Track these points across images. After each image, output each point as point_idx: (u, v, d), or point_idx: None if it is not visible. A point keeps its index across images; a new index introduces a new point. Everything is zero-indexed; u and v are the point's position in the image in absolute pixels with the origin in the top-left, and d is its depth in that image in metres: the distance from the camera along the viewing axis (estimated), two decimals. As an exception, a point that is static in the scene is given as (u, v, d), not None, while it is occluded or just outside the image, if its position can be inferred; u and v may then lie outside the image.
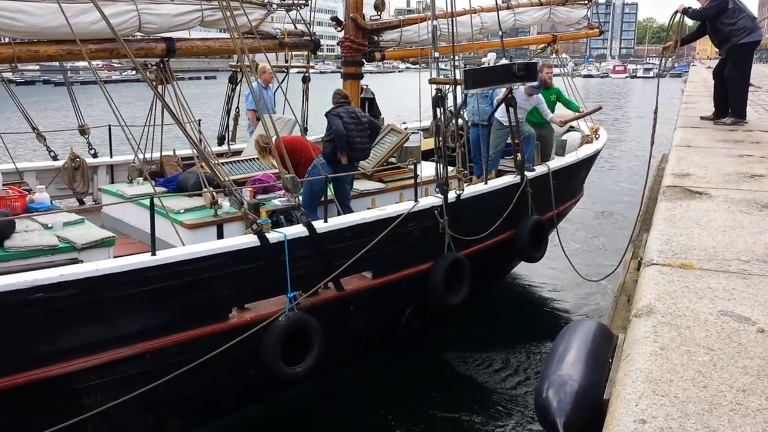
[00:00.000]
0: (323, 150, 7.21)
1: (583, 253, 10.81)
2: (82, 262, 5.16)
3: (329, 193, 6.47)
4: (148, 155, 7.87)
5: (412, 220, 6.34)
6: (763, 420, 2.01)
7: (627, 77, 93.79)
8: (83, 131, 8.64)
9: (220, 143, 9.79)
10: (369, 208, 7.30)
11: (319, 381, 6.10)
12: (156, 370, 4.74)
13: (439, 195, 6.69)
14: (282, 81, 9.40)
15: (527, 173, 7.90)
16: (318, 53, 9.45)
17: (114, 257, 5.41)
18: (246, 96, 9.62)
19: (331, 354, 5.66)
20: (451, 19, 7.28)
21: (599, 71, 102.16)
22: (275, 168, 6.53)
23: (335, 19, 9.16)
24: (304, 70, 10.27)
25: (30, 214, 6.13)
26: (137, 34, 6.88)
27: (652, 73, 78.83)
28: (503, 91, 7.99)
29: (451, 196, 6.78)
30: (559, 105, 9.92)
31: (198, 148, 5.63)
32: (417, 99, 7.76)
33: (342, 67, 9.34)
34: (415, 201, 6.51)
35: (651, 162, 7.49)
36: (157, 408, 5.03)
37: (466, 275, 6.79)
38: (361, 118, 7.26)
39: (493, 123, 8.60)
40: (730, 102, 8.67)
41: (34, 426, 4.42)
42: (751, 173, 5.58)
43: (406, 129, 9.07)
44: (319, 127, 7.49)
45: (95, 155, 8.69)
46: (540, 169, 8.39)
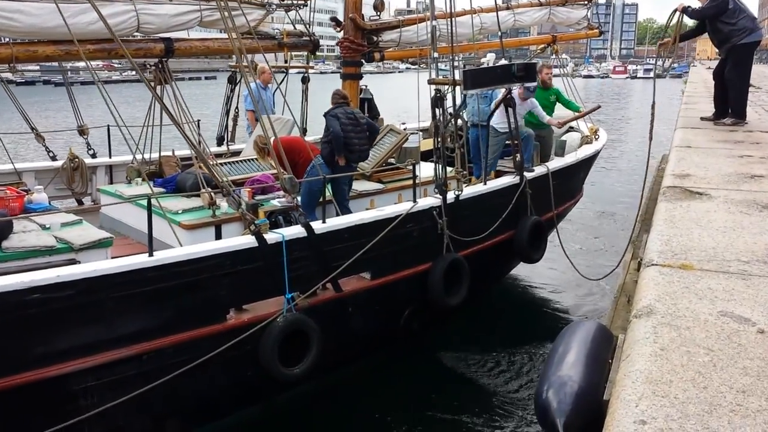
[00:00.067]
0: (321, 151, 7.19)
1: (583, 254, 10.79)
2: (79, 262, 5.14)
3: (328, 194, 6.46)
4: (147, 156, 7.86)
5: (410, 220, 6.33)
6: (763, 421, 2.01)
7: (627, 78, 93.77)
8: (82, 131, 8.63)
9: (219, 144, 9.78)
10: (368, 208, 7.29)
11: (318, 382, 6.08)
12: (154, 371, 4.73)
13: (438, 196, 6.68)
14: (281, 81, 9.40)
15: (526, 174, 7.89)
16: (318, 53, 9.45)
17: (112, 258, 5.39)
18: (245, 97, 9.61)
19: (330, 355, 5.64)
20: (450, 20, 7.26)
21: (599, 72, 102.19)
22: (274, 168, 6.52)
23: (334, 20, 9.15)
24: (303, 70, 10.27)
25: (28, 214, 6.12)
26: (136, 34, 6.87)
27: (652, 74, 78.80)
28: (502, 92, 7.98)
29: (450, 196, 6.77)
30: (559, 105, 9.90)
31: (196, 148, 5.62)
32: (416, 99, 7.74)
33: (341, 68, 9.34)
34: (414, 202, 6.49)
35: (651, 162, 7.47)
36: (155, 409, 5.02)
37: (464, 276, 6.78)
38: (360, 119, 7.22)
39: (490, 131, 8.57)
40: (730, 102, 8.66)
41: (31, 427, 4.42)
42: (752, 174, 5.57)
43: (405, 129, 9.05)
44: (319, 128, 7.47)
45: (94, 155, 8.69)
46: (539, 170, 8.38)
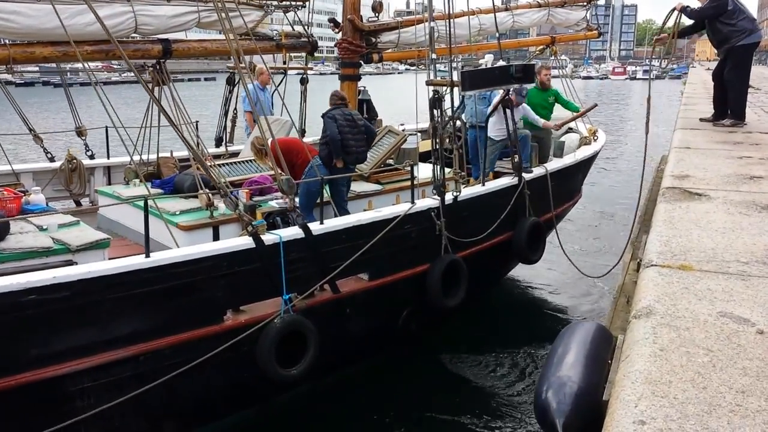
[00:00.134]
0: (320, 152, 7.18)
1: (583, 254, 10.77)
2: (76, 264, 5.12)
3: (326, 195, 6.44)
4: (145, 157, 7.85)
5: (408, 221, 6.31)
6: (763, 421, 2.01)
7: (626, 79, 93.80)
8: (80, 133, 8.61)
9: (217, 145, 9.77)
10: (365, 209, 7.27)
11: (316, 383, 6.06)
12: (150, 372, 4.71)
13: (436, 197, 6.66)
14: (280, 83, 9.39)
15: (525, 175, 7.88)
16: (317, 55, 9.44)
17: (109, 259, 5.37)
18: (243, 98, 9.60)
19: (327, 356, 5.62)
20: (449, 21, 7.25)
21: (598, 73, 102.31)
22: (272, 170, 6.50)
23: (333, 21, 9.14)
24: (302, 71, 10.26)
25: (25, 215, 6.10)
26: (134, 35, 6.86)
27: (652, 75, 78.86)
28: (500, 94, 7.96)
29: (449, 197, 6.75)
30: (558, 106, 9.89)
31: (193, 149, 5.59)
32: (415, 101, 7.73)
33: (340, 69, 9.33)
34: (412, 203, 6.48)
35: (651, 163, 7.47)
36: (152, 410, 5.00)
37: (463, 277, 6.76)
38: (357, 121, 7.20)
39: (487, 140, 8.53)
40: (729, 103, 8.65)
41: (27, 428, 4.40)
42: (751, 175, 5.56)
43: (403, 130, 9.04)
44: (317, 129, 7.46)
45: (92, 157, 8.67)
46: (538, 171, 8.37)
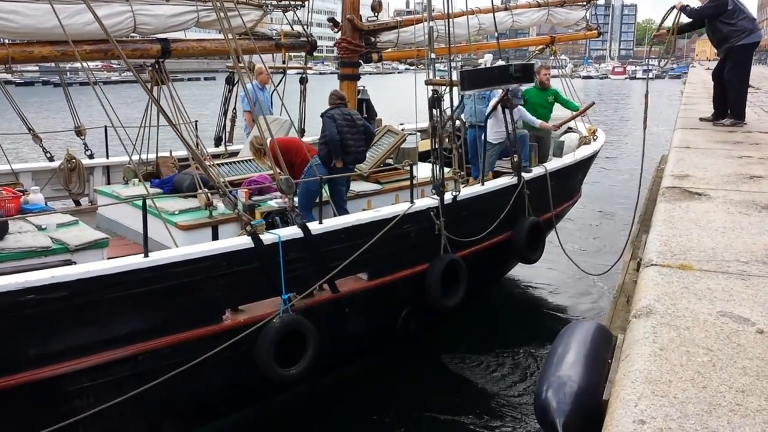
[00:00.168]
0: (319, 152, 7.16)
1: (583, 254, 10.76)
2: (75, 263, 5.11)
3: (325, 195, 6.43)
4: (144, 156, 7.84)
5: (407, 221, 6.30)
6: (763, 420, 2.00)
7: (626, 78, 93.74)
8: (79, 132, 8.59)
9: (217, 144, 9.76)
10: (365, 209, 7.26)
11: (315, 383, 6.06)
12: (149, 372, 4.70)
13: (436, 196, 6.65)
14: (279, 83, 9.36)
15: (524, 174, 7.87)
16: (317, 54, 9.44)
17: (108, 258, 5.37)
18: (242, 97, 9.59)
19: (327, 356, 5.62)
20: (448, 21, 7.24)
21: (598, 72, 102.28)
22: (271, 169, 6.49)
23: (332, 20, 9.13)
24: (301, 70, 10.25)
25: (24, 215, 6.09)
26: (133, 35, 6.86)
27: (651, 74, 78.95)
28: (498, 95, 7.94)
29: (448, 197, 6.74)
30: (558, 106, 9.87)
31: (191, 149, 5.58)
32: (414, 100, 7.71)
33: (339, 68, 9.32)
34: (411, 202, 6.47)
35: (651, 163, 7.46)
36: (150, 410, 4.99)
37: (462, 277, 6.75)
38: (357, 120, 7.19)
39: (486, 144, 8.50)
40: (729, 103, 8.64)
41: (26, 428, 4.38)
42: (751, 174, 5.56)
43: (403, 130, 9.03)
44: (317, 129, 7.45)
45: (92, 156, 8.66)
46: (537, 171, 8.36)
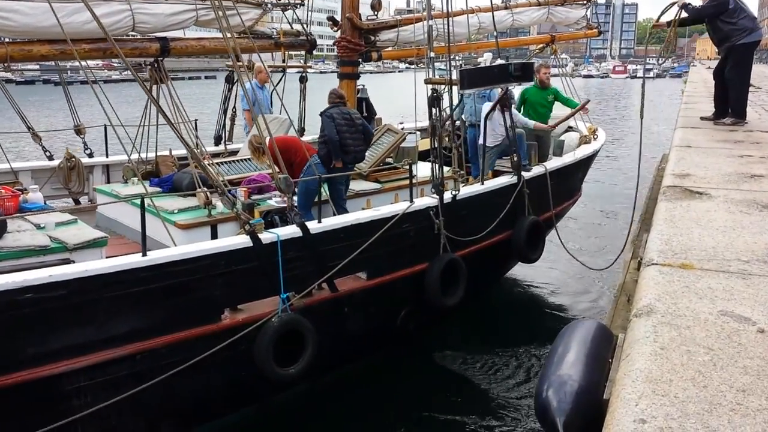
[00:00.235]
0: (318, 151, 7.15)
1: (583, 253, 10.72)
2: (74, 262, 5.10)
3: (324, 194, 6.41)
4: (144, 155, 7.82)
5: (407, 220, 6.28)
6: (763, 420, 1.99)
7: (627, 77, 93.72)
8: (79, 131, 8.58)
9: (216, 143, 9.75)
10: (364, 208, 7.24)
11: (314, 382, 6.04)
12: (147, 371, 4.69)
13: (435, 195, 6.63)
14: (279, 81, 9.34)
15: (524, 174, 7.85)
16: (317, 53, 9.45)
17: (107, 257, 5.35)
18: (242, 96, 9.58)
19: (325, 355, 5.61)
20: (447, 19, 7.22)
21: (599, 71, 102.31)
22: (270, 168, 6.48)
23: (331, 19, 9.12)
24: (301, 69, 10.24)
25: (23, 213, 6.08)
26: (132, 33, 6.84)
27: (652, 73, 78.99)
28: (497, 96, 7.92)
29: (447, 196, 6.73)
30: (558, 105, 9.85)
31: (189, 147, 5.57)
32: (414, 99, 7.70)
33: (339, 67, 9.30)
34: (410, 201, 6.45)
35: (652, 162, 7.44)
36: (149, 410, 4.98)
37: (461, 276, 6.73)
38: (355, 120, 7.17)
39: (480, 150, 8.44)
40: (730, 102, 8.62)
41: (23, 427, 4.37)
42: (752, 173, 5.53)
43: (402, 129, 9.01)
44: (317, 128, 7.43)
45: (91, 155, 8.65)
46: (537, 170, 8.34)
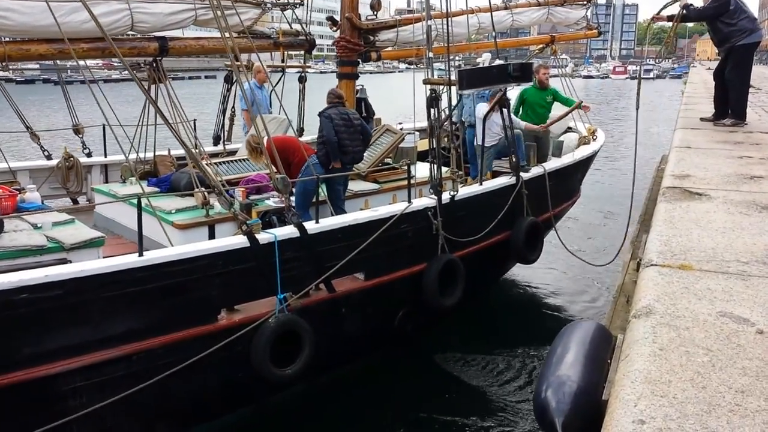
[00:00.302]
0: (317, 151, 7.13)
1: (583, 254, 10.70)
2: (70, 262, 5.09)
3: (322, 194, 6.39)
4: (142, 155, 7.81)
5: (405, 221, 6.26)
6: (762, 421, 1.98)
7: (627, 78, 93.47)
8: (77, 131, 8.56)
9: (215, 143, 9.73)
10: (362, 209, 7.23)
11: (311, 383, 6.02)
12: (143, 371, 4.67)
13: (433, 196, 6.61)
14: (278, 81, 9.34)
15: (523, 174, 7.83)
16: (317, 53, 9.44)
17: (104, 257, 5.33)
18: (241, 96, 9.57)
19: (323, 356, 5.59)
20: (446, 20, 7.21)
21: (599, 72, 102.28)
22: (268, 168, 6.46)
23: (331, 19, 9.11)
24: (300, 69, 10.22)
25: (20, 213, 6.06)
26: (130, 33, 6.83)
27: (652, 74, 79.05)
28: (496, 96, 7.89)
29: (446, 197, 6.71)
30: (557, 105, 9.83)
31: (187, 147, 5.55)
32: (413, 99, 7.69)
33: (338, 67, 9.29)
34: (409, 202, 6.43)
35: (652, 163, 7.42)
36: (145, 410, 4.96)
37: (460, 277, 6.71)
38: (354, 120, 7.14)
39: (477, 151, 8.40)
40: (730, 103, 8.61)
41: (18, 428, 4.35)
42: (751, 175, 5.53)
43: (401, 129, 9.00)
44: (316, 128, 7.42)
45: (89, 155, 8.63)
46: (536, 171, 8.32)
